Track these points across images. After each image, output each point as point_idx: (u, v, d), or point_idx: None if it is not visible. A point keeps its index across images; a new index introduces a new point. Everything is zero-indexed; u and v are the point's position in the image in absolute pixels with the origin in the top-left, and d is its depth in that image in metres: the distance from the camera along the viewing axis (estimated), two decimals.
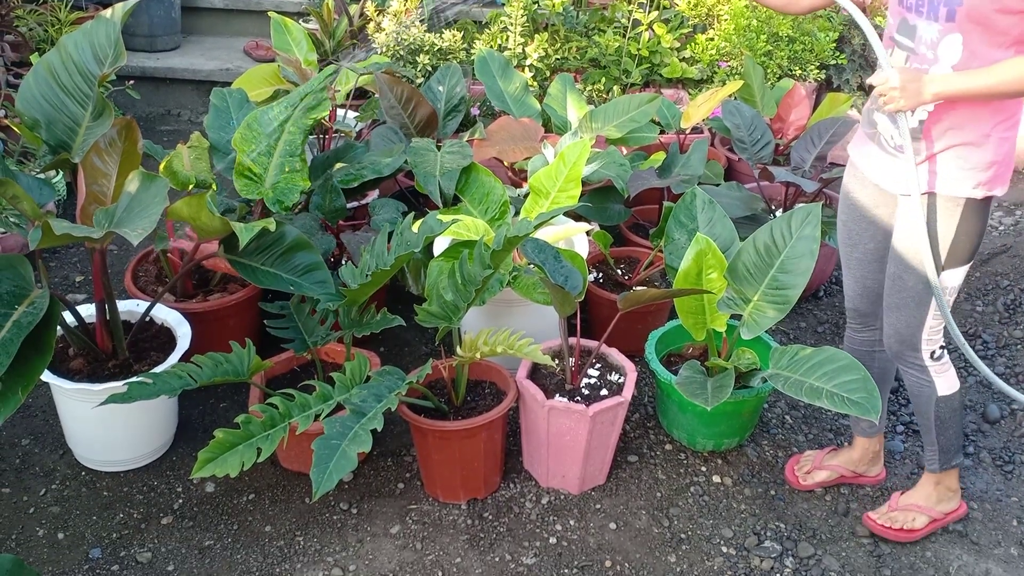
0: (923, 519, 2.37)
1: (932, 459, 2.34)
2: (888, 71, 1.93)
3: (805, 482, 2.52)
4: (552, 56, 4.14)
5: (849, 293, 2.39)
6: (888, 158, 2.11)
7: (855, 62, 4.38)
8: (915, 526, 2.36)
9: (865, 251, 2.29)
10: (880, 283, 2.29)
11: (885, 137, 2.10)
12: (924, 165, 2.04)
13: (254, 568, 2.23)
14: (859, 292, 2.36)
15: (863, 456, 2.51)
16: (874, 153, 2.16)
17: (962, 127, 1.98)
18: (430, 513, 2.40)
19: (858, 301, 2.37)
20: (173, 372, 2.19)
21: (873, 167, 2.17)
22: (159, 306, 2.59)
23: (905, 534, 2.35)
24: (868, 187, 2.21)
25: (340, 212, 2.84)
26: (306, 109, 2.61)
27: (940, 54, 1.95)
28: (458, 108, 3.44)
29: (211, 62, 4.84)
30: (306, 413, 2.16)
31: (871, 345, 2.40)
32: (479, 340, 2.29)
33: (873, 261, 2.28)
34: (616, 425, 2.41)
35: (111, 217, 2.17)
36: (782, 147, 3.69)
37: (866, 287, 2.34)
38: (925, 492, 2.39)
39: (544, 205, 2.76)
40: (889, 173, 2.12)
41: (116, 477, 2.48)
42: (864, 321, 2.40)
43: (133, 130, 2.47)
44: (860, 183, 2.23)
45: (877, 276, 2.30)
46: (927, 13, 1.94)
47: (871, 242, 2.26)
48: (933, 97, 1.92)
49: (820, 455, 2.55)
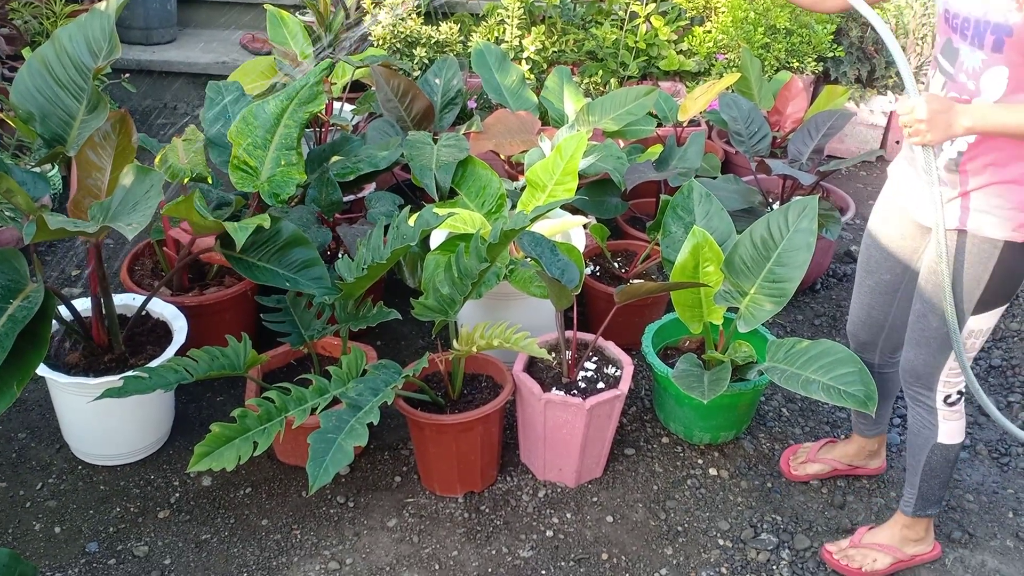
0: (886, 560, 2.22)
1: (908, 502, 2.20)
2: (914, 99, 1.72)
3: (796, 472, 2.50)
4: (549, 49, 4.13)
5: (852, 318, 2.29)
6: (925, 186, 1.93)
7: (853, 55, 4.37)
8: (875, 567, 2.21)
9: (879, 281, 2.16)
10: (886, 316, 2.17)
11: (922, 165, 1.87)
12: (957, 201, 1.86)
13: (251, 561, 2.23)
14: (862, 319, 2.25)
15: (859, 452, 2.49)
16: (912, 178, 2.00)
17: (1005, 164, 1.78)
18: (427, 506, 2.40)
19: (859, 328, 2.27)
20: (169, 366, 2.19)
21: (907, 193, 2.02)
22: (155, 300, 2.58)
23: (864, 575, 2.21)
24: (900, 214, 2.06)
25: (336, 205, 2.83)
26: (302, 102, 2.60)
27: (983, 86, 1.75)
28: (455, 101, 3.43)
29: (207, 55, 4.83)
30: (302, 407, 2.16)
31: (869, 367, 2.24)
32: (475, 334, 2.28)
33: (885, 293, 2.16)
34: (613, 418, 2.41)
35: (106, 211, 2.16)
36: (779, 140, 3.68)
37: (871, 317, 2.22)
38: (891, 532, 2.24)
39: (541, 198, 2.75)
40: (923, 202, 1.96)
41: (113, 471, 2.47)
42: (862, 348, 2.30)
43: (127, 123, 2.45)
44: (893, 208, 2.09)
45: (885, 309, 2.18)
46: (971, 38, 1.73)
47: (888, 274, 2.13)
48: (964, 131, 1.72)
49: (815, 447, 2.53)
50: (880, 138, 4.46)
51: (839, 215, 3.07)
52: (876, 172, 4.39)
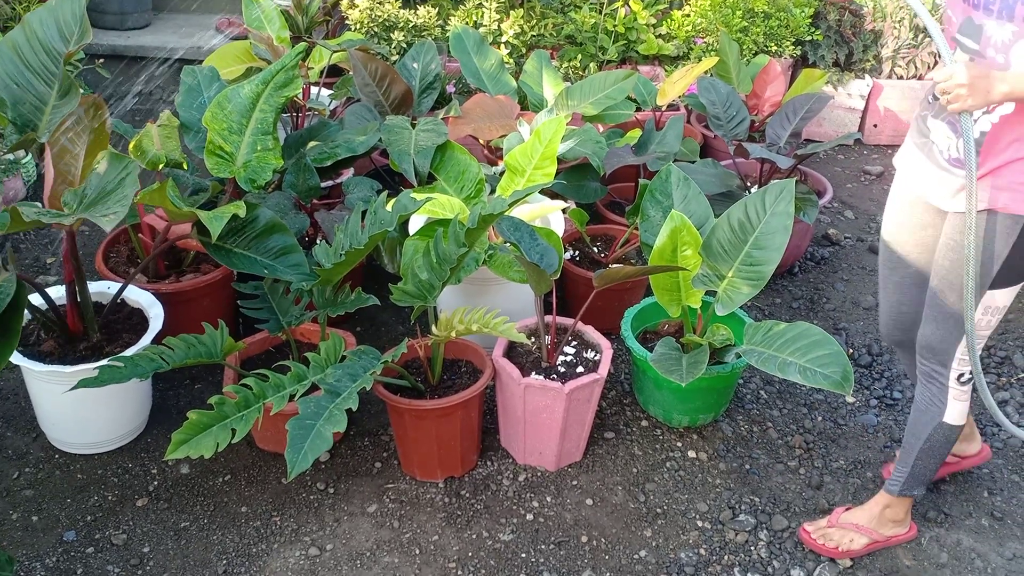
0: (862, 540, 2.24)
1: (896, 481, 2.22)
2: (954, 66, 1.74)
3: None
4: (528, 33, 4.11)
5: (884, 319, 2.26)
6: (940, 172, 1.94)
7: (831, 38, 4.39)
8: (851, 547, 2.24)
9: (905, 275, 2.16)
10: (917, 310, 2.15)
11: (940, 148, 1.91)
12: (985, 180, 1.86)
13: (230, 549, 2.23)
14: (893, 319, 2.23)
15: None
16: (924, 166, 1.99)
17: None
18: (407, 492, 2.40)
19: (892, 328, 2.24)
20: (144, 355, 2.18)
21: (922, 182, 2.00)
22: (131, 287, 2.56)
23: (840, 554, 2.24)
24: (916, 205, 2.06)
25: (314, 191, 2.82)
26: (278, 87, 2.58)
27: (1013, 59, 1.75)
28: (433, 85, 3.41)
29: (183, 39, 4.77)
30: (280, 394, 2.15)
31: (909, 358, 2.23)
32: (454, 319, 2.28)
33: (912, 286, 2.15)
34: (592, 402, 2.42)
35: (80, 200, 2.14)
36: (757, 123, 3.69)
37: (901, 313, 2.21)
38: (871, 513, 2.26)
39: (520, 183, 2.75)
40: (940, 189, 1.95)
41: (90, 460, 2.46)
42: (900, 347, 2.27)
43: (101, 108, 2.42)
44: (907, 200, 2.08)
45: (914, 303, 2.16)
46: (998, 12, 1.73)
47: (913, 266, 2.13)
48: (1002, 97, 1.73)
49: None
50: (858, 121, 4.48)
51: (816, 198, 3.09)
52: (853, 155, 4.41)
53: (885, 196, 4.05)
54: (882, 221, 2.20)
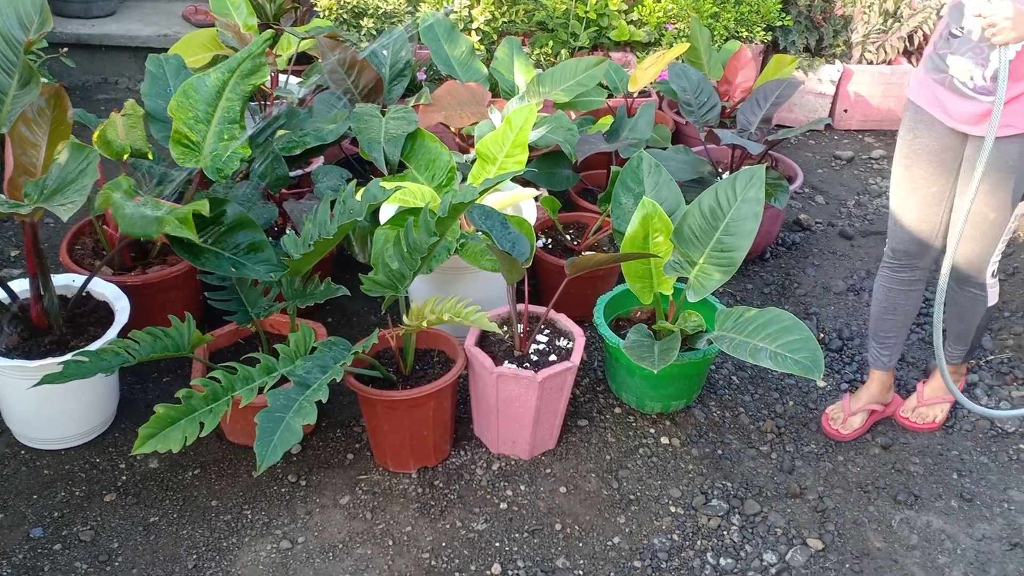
0: (946, 406, 2.64)
1: (959, 355, 2.60)
2: (1001, 3, 1.95)
3: (845, 431, 2.61)
4: (499, 19, 4.08)
5: (900, 235, 2.44)
6: (964, 100, 2.17)
7: (801, 24, 4.39)
8: (940, 416, 2.64)
9: (927, 195, 2.35)
10: (936, 225, 2.38)
11: (961, 80, 2.15)
12: (1010, 105, 2.08)
13: (200, 543, 2.20)
14: (911, 234, 2.42)
15: (881, 389, 2.64)
16: (946, 96, 2.21)
17: None
18: (380, 483, 2.39)
19: (909, 243, 2.43)
20: (110, 348, 2.14)
21: (947, 110, 2.22)
22: (96, 280, 2.52)
23: (936, 425, 2.63)
24: (937, 130, 2.27)
25: (283, 180, 2.78)
26: (244, 74, 2.54)
27: None
28: (403, 73, 3.38)
29: (148, 28, 4.70)
30: (249, 386, 2.13)
31: (910, 284, 2.48)
32: (425, 308, 2.26)
33: (934, 204, 2.35)
34: (565, 390, 2.42)
35: (41, 190, 2.10)
36: (729, 109, 3.69)
37: (920, 230, 2.40)
38: (940, 383, 2.62)
39: (491, 171, 2.73)
40: (966, 115, 2.18)
41: (57, 455, 2.42)
42: (911, 263, 2.46)
43: (62, 98, 2.38)
44: (928, 127, 2.28)
45: (934, 219, 2.37)
46: None
47: (934, 186, 2.33)
48: None
49: (845, 404, 2.64)
50: (828, 107, 4.50)
51: (787, 184, 3.10)
52: (824, 141, 4.43)
53: (856, 181, 4.09)
54: (896, 150, 2.39)
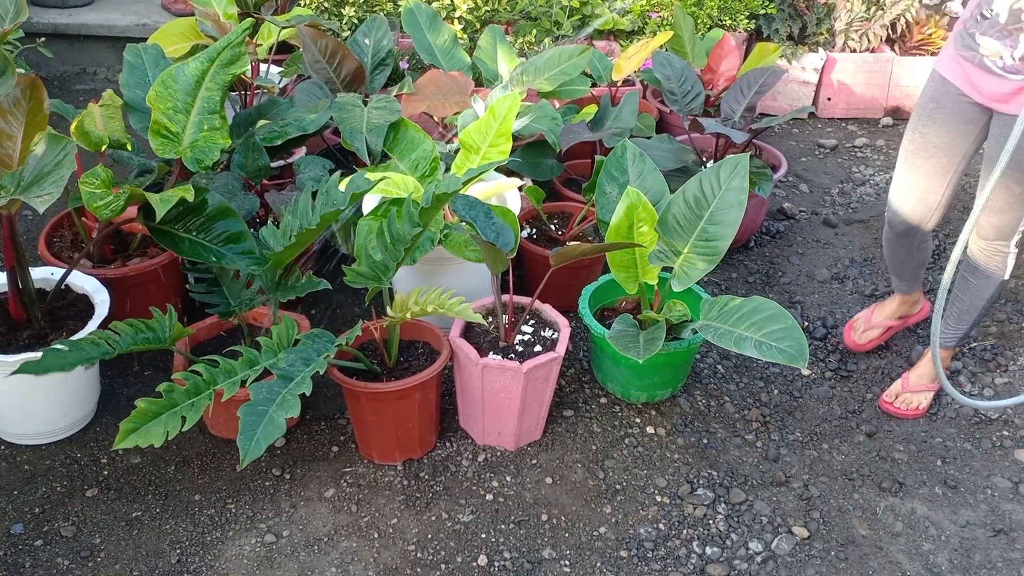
0: (930, 394, 2.65)
1: (953, 338, 2.61)
2: None
3: (860, 341, 2.81)
4: (482, 8, 4.06)
5: (902, 205, 2.49)
6: (994, 78, 2.21)
7: (784, 11, 4.39)
8: (924, 404, 2.64)
9: (937, 164, 2.39)
10: (939, 197, 2.44)
11: (991, 60, 2.19)
12: None
13: (184, 538, 2.19)
14: (913, 204, 2.47)
15: (900, 307, 2.78)
16: (976, 73, 2.25)
17: None
18: (365, 475, 2.38)
19: (909, 213, 2.48)
20: (90, 339, 2.12)
21: (976, 86, 2.26)
22: (75, 273, 2.49)
23: (920, 413, 2.64)
24: (962, 103, 2.31)
25: (264, 171, 2.76)
26: (224, 64, 2.50)
27: None
28: (385, 62, 3.35)
29: (127, 17, 4.64)
30: (232, 379, 2.11)
31: (917, 244, 2.58)
32: (409, 300, 2.25)
33: (941, 175, 2.41)
34: (550, 381, 2.41)
35: (17, 182, 2.07)
36: (713, 98, 3.68)
37: (923, 199, 2.45)
38: (928, 369, 2.64)
39: (475, 161, 2.71)
40: (996, 93, 2.22)
41: (37, 450, 2.40)
42: (908, 231, 2.52)
43: (39, 89, 2.34)
44: (953, 99, 2.32)
45: (939, 190, 2.43)
46: None
47: (946, 156, 2.38)
48: None
49: (868, 315, 2.83)
50: (812, 95, 4.50)
51: (771, 172, 3.09)
52: (808, 129, 4.43)
53: (839, 169, 4.10)
54: (911, 119, 2.44)
